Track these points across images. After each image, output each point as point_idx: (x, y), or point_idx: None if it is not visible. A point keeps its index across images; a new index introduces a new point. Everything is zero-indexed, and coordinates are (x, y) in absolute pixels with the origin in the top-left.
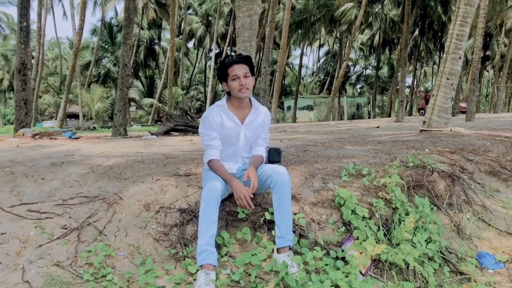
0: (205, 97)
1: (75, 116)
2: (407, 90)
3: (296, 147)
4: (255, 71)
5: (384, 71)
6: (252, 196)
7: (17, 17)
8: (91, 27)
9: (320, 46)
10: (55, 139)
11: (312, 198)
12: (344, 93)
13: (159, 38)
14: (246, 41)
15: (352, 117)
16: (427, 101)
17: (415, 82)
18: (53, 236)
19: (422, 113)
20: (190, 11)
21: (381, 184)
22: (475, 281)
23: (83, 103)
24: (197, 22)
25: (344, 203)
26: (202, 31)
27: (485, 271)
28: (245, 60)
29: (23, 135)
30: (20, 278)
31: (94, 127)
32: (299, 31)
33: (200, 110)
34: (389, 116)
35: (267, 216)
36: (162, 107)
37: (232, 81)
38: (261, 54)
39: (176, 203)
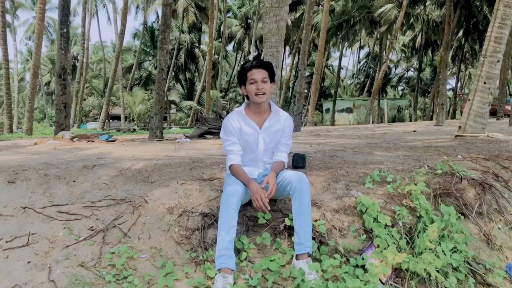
0: (243, 99)
1: (118, 117)
2: (450, 93)
3: (324, 152)
4: (291, 74)
5: (427, 73)
6: (269, 200)
7: (58, 24)
8: (134, 31)
9: (360, 47)
10: (92, 141)
11: (334, 204)
12: (384, 96)
13: (199, 42)
14: (273, 47)
15: (393, 119)
16: None
17: (458, 85)
18: (80, 237)
19: None
20: (230, 14)
21: (406, 192)
22: None
23: (125, 105)
24: (236, 25)
25: (366, 210)
26: (241, 34)
27: None
28: (265, 65)
29: (62, 137)
30: (47, 277)
31: (134, 129)
32: (339, 33)
33: None
34: (431, 119)
35: (287, 222)
36: (201, 109)
37: (249, 84)
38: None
39: (199, 207)
